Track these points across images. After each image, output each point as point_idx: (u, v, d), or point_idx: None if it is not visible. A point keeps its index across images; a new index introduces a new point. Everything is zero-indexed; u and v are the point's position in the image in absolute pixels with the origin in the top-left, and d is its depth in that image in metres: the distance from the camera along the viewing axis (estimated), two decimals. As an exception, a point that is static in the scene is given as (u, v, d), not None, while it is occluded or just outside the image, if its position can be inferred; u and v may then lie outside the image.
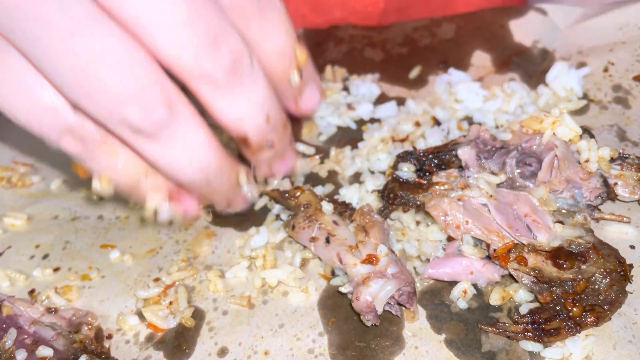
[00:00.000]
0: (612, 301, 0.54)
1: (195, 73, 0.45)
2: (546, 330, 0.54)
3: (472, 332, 0.57)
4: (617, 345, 0.54)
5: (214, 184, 0.53)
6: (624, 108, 0.77)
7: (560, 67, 0.81)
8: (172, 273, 0.68)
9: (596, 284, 0.54)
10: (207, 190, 0.53)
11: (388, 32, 0.99)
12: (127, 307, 0.66)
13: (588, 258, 0.55)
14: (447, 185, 0.64)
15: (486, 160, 0.65)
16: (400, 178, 0.66)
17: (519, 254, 0.57)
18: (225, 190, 0.55)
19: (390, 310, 0.59)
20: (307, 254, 0.67)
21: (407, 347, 0.57)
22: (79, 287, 0.68)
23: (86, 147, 0.50)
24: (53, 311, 0.63)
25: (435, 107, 0.83)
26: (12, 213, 0.78)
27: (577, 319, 0.54)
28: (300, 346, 0.59)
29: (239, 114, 0.50)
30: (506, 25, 0.95)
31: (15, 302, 0.62)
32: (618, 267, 0.55)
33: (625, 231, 0.63)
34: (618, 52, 0.84)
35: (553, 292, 0.56)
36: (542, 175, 0.63)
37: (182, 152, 0.48)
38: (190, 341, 0.61)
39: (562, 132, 0.64)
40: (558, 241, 0.57)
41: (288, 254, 0.68)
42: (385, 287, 0.57)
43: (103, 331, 0.63)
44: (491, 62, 0.90)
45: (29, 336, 0.59)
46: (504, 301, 0.59)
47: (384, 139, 0.79)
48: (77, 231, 0.76)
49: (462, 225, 0.61)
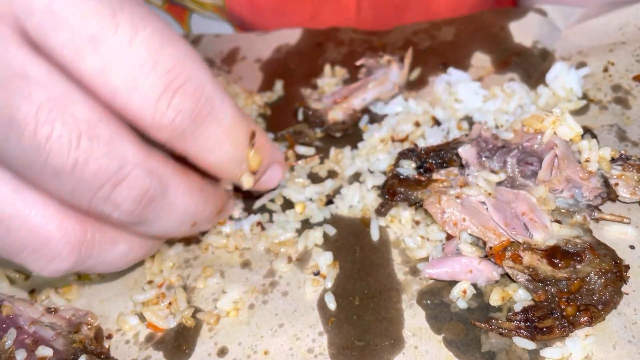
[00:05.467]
0: (606, 301, 0.54)
1: (99, 216, 0.44)
2: (539, 329, 0.54)
3: (471, 332, 0.57)
4: (617, 345, 0.54)
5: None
6: (624, 108, 0.77)
7: (560, 67, 0.81)
8: (169, 274, 0.68)
9: (591, 284, 0.54)
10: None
11: (388, 37, 0.99)
12: (127, 307, 0.66)
13: (584, 258, 0.55)
14: (446, 182, 0.64)
15: (487, 159, 0.65)
16: (400, 175, 0.66)
17: (515, 252, 0.57)
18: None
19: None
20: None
21: (407, 347, 0.57)
22: (79, 287, 0.68)
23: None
24: (53, 311, 0.63)
25: (435, 107, 0.83)
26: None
27: (570, 318, 0.54)
28: (300, 346, 0.59)
29: (161, 231, 0.48)
30: (506, 26, 0.95)
31: (15, 302, 0.62)
32: (614, 267, 0.55)
33: (625, 231, 0.63)
34: (618, 52, 0.84)
35: (547, 291, 0.56)
36: (542, 174, 0.63)
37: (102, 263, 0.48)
38: (190, 341, 0.61)
39: (563, 131, 0.64)
40: (554, 240, 0.57)
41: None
42: None
43: (103, 331, 0.63)
44: (491, 63, 0.90)
45: (29, 336, 0.59)
46: (503, 301, 0.59)
47: (384, 139, 0.79)
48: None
49: (460, 222, 0.61)
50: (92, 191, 0.41)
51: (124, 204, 0.43)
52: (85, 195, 0.41)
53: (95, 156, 0.40)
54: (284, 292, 0.65)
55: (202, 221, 0.51)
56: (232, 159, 0.48)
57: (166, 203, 0.46)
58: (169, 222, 0.47)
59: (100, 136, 0.40)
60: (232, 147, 0.48)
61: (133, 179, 0.42)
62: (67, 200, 0.42)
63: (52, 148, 0.38)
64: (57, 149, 0.38)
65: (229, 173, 0.50)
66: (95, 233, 0.45)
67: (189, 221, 0.49)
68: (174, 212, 0.47)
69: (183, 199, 0.47)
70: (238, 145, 0.48)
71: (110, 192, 0.41)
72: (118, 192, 0.42)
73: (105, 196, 0.41)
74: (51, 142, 0.38)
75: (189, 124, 0.43)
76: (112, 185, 0.41)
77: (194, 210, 0.49)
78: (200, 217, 0.50)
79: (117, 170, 0.41)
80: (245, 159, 0.50)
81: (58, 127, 0.38)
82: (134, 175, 0.42)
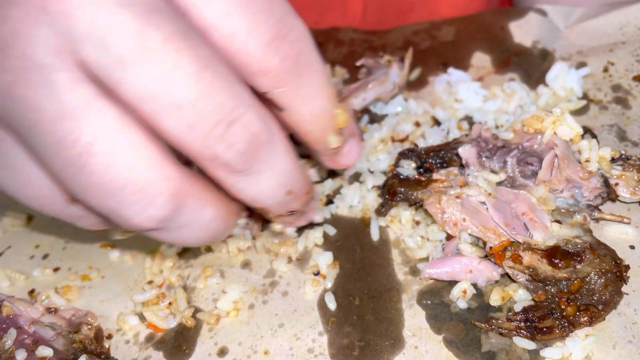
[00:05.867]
0: (606, 301, 0.54)
1: (207, 157, 0.42)
2: (539, 328, 0.54)
3: (471, 332, 0.57)
4: (617, 345, 0.54)
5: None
6: (624, 108, 0.77)
7: (560, 67, 0.81)
8: (169, 274, 0.68)
9: (591, 284, 0.54)
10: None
11: (388, 37, 0.99)
12: (127, 307, 0.66)
13: (584, 258, 0.55)
14: (446, 182, 0.64)
15: (487, 159, 0.65)
16: (400, 175, 0.66)
17: (515, 252, 0.57)
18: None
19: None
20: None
21: (407, 347, 0.57)
22: (79, 287, 0.68)
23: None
24: (53, 311, 0.63)
25: (435, 107, 0.83)
26: (12, 213, 0.78)
27: (570, 318, 0.54)
28: (300, 346, 0.59)
29: (257, 192, 0.47)
30: (506, 26, 0.95)
31: (15, 302, 0.62)
32: (614, 267, 0.55)
33: (625, 231, 0.63)
34: (618, 52, 0.84)
35: (548, 291, 0.56)
36: (542, 174, 0.63)
37: (188, 232, 0.46)
38: (190, 341, 0.61)
39: (563, 131, 0.64)
40: (554, 240, 0.57)
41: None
42: None
43: (103, 331, 0.63)
44: (491, 63, 0.90)
45: (29, 336, 0.59)
46: (503, 301, 0.59)
47: (384, 139, 0.79)
48: (77, 231, 0.75)
49: (460, 222, 0.61)
50: (209, 126, 0.40)
51: (237, 144, 0.42)
52: (201, 131, 0.40)
53: (218, 89, 0.39)
54: (284, 292, 0.65)
55: (297, 191, 0.50)
56: (324, 112, 0.49)
57: (272, 153, 0.45)
58: (270, 179, 0.46)
59: (221, 72, 0.40)
60: (324, 100, 0.48)
61: (247, 119, 0.42)
62: (178, 139, 0.40)
63: (177, 76, 0.38)
64: (183, 78, 0.38)
65: (319, 128, 0.50)
66: (191, 186, 0.43)
67: (287, 184, 0.48)
68: (276, 166, 0.46)
69: (285, 155, 0.46)
70: (329, 98, 0.49)
71: (226, 129, 0.41)
72: (232, 131, 0.41)
73: (220, 133, 0.41)
74: (177, 70, 0.38)
75: (291, 70, 0.44)
76: (228, 123, 0.41)
77: (292, 173, 0.48)
78: (296, 185, 0.49)
79: (233, 108, 0.41)
80: (333, 115, 0.50)
81: (185, 56, 0.38)
82: (248, 116, 0.42)
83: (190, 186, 0.43)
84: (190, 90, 0.38)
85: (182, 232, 0.45)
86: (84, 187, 0.40)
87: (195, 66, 0.38)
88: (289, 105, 0.46)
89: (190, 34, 0.39)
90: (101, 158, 0.39)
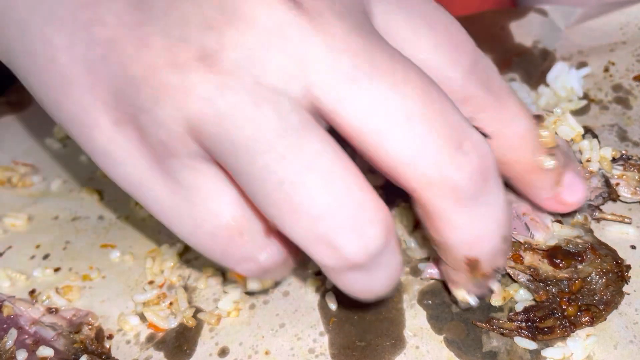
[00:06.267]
0: (607, 301, 0.54)
1: (434, 181, 0.38)
2: (540, 329, 0.54)
3: (473, 332, 0.57)
4: (618, 345, 0.54)
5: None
6: (625, 108, 0.77)
7: (561, 67, 0.81)
8: (170, 274, 0.68)
9: (592, 284, 0.54)
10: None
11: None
12: (128, 307, 0.66)
13: (585, 258, 0.55)
14: (447, 184, 0.64)
15: (487, 160, 0.65)
16: (401, 175, 0.66)
17: (516, 252, 0.57)
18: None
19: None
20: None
21: (408, 347, 0.57)
22: (80, 287, 0.68)
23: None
24: (54, 311, 0.63)
25: (435, 107, 0.83)
26: (12, 213, 0.78)
27: (571, 318, 0.54)
28: (301, 346, 0.59)
29: (479, 231, 0.42)
30: (506, 26, 0.95)
31: (16, 302, 0.62)
32: (615, 267, 0.55)
33: (626, 231, 0.63)
34: (619, 52, 0.84)
35: (549, 291, 0.56)
36: (542, 174, 0.63)
37: (384, 275, 0.41)
38: (191, 341, 0.61)
39: (563, 131, 0.64)
40: (555, 240, 0.57)
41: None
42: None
43: (104, 331, 0.63)
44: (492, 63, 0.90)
45: (30, 336, 0.59)
46: (504, 301, 0.59)
47: (385, 139, 0.79)
48: (78, 231, 0.76)
49: (462, 223, 0.61)
50: (440, 144, 0.37)
51: (468, 165, 0.38)
52: (432, 150, 0.38)
53: (446, 105, 0.39)
54: (285, 292, 0.65)
55: (509, 240, 0.46)
56: (529, 131, 0.47)
57: (495, 184, 0.41)
58: (493, 215, 0.41)
59: (442, 90, 0.40)
60: (526, 119, 0.47)
61: (475, 139, 0.39)
62: (402, 158, 0.38)
63: (407, 91, 0.37)
64: (411, 93, 0.37)
65: (529, 150, 0.47)
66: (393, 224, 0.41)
67: (503, 227, 0.43)
68: (497, 201, 0.41)
69: (502, 189, 0.42)
70: (530, 118, 0.47)
71: (457, 148, 0.38)
72: (464, 149, 0.38)
73: (452, 152, 0.38)
74: (407, 85, 0.38)
75: (488, 94, 0.45)
76: (459, 141, 0.38)
77: (508, 214, 0.43)
78: (508, 232, 0.45)
79: (464, 126, 0.39)
80: (539, 136, 0.48)
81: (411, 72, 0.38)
82: (476, 136, 0.39)
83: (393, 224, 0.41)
84: (418, 104, 0.37)
85: (379, 273, 0.41)
86: (291, 212, 0.37)
87: (421, 82, 0.38)
88: (493, 130, 0.45)
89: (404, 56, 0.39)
90: (317, 180, 0.37)
